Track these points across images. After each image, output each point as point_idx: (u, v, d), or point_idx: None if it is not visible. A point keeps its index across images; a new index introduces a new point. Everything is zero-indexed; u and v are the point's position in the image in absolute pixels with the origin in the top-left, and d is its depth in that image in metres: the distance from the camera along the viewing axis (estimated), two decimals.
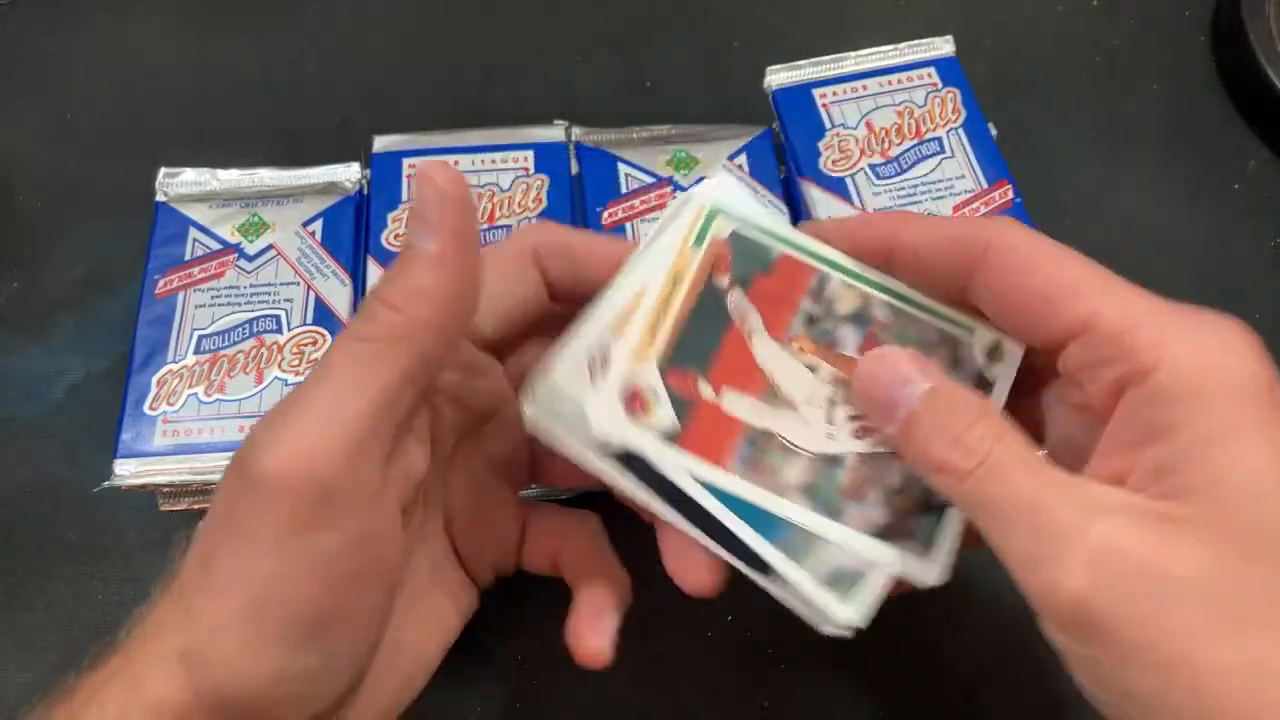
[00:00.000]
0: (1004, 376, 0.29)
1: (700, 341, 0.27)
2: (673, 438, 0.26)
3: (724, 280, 0.28)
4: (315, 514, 0.24)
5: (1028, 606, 0.24)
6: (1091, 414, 0.26)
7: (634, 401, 0.26)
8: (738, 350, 0.28)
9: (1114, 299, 0.25)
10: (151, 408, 0.38)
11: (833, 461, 0.28)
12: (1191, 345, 0.23)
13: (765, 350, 0.28)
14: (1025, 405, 0.29)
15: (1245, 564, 0.22)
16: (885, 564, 0.27)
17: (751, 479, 0.27)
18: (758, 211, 0.29)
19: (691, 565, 0.27)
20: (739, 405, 0.27)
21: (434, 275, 0.25)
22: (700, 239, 0.28)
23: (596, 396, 0.26)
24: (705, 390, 0.27)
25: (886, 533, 0.27)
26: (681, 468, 0.26)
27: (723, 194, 0.29)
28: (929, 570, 0.28)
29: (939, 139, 0.44)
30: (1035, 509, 0.23)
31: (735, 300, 0.28)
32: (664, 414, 0.26)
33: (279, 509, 0.24)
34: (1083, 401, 0.26)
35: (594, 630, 0.30)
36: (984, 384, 0.29)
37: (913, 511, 0.28)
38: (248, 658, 0.24)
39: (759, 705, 0.38)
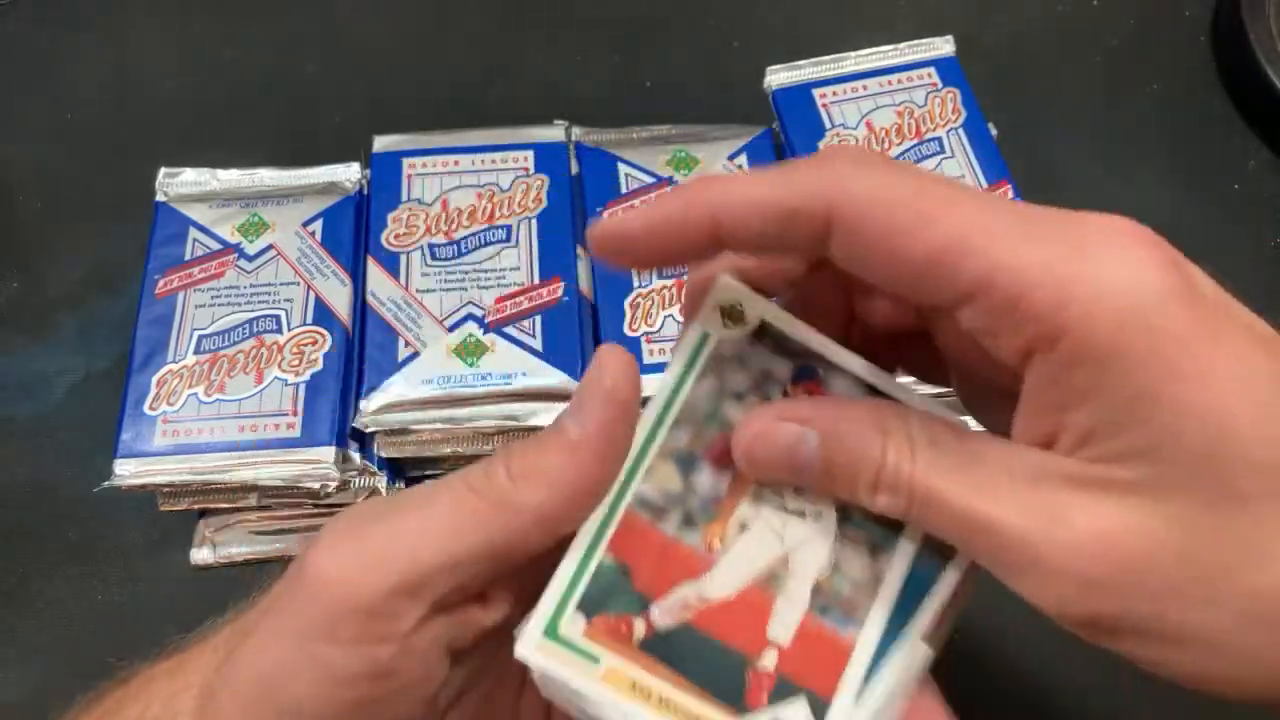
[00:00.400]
0: None
1: None
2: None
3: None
4: (338, 630, 0.23)
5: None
6: (1005, 369, 0.23)
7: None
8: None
9: (1004, 255, 0.21)
10: (151, 408, 0.38)
11: None
12: (1096, 299, 0.20)
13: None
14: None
15: (1217, 522, 0.20)
16: None
17: None
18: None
19: None
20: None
21: (563, 463, 0.24)
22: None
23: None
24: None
25: None
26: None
27: None
28: None
29: (939, 139, 0.44)
30: (986, 532, 0.22)
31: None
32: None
33: (312, 612, 0.23)
34: (990, 369, 0.23)
35: None
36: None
37: None
38: (249, 713, 0.24)
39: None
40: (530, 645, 0.24)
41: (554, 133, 0.45)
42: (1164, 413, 0.20)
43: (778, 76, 0.46)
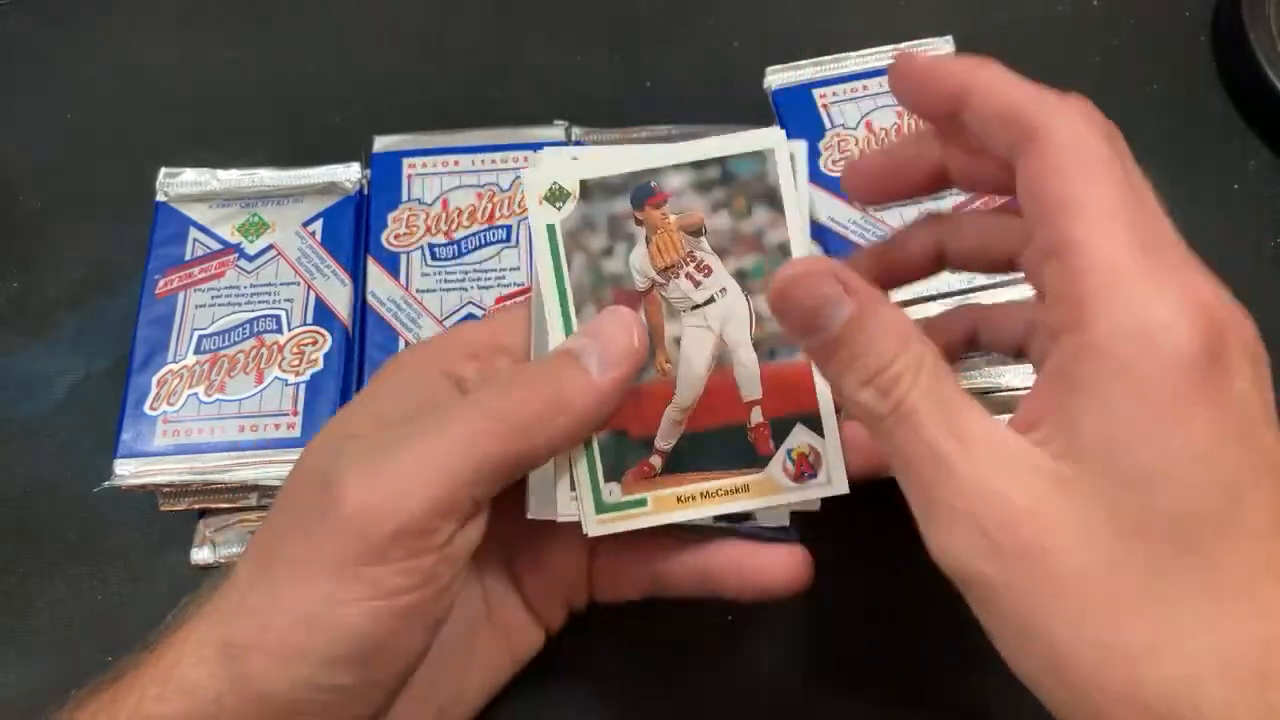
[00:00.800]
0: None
1: None
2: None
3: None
4: (386, 553, 0.26)
5: None
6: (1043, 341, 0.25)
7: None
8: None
9: (1096, 235, 0.23)
10: (151, 408, 0.38)
11: None
12: (1137, 311, 0.22)
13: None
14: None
15: (1126, 543, 0.21)
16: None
17: None
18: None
19: (784, 563, 0.30)
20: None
21: (585, 400, 0.28)
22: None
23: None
24: None
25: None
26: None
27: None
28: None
29: None
30: (937, 464, 0.23)
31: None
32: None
33: (352, 540, 0.25)
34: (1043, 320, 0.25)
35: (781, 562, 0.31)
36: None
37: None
38: (288, 664, 0.25)
39: (759, 705, 0.38)
40: (593, 525, 0.30)
41: (554, 133, 0.45)
42: (1129, 429, 0.21)
43: (778, 76, 0.46)
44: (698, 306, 0.30)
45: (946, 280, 0.39)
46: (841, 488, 0.30)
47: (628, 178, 0.30)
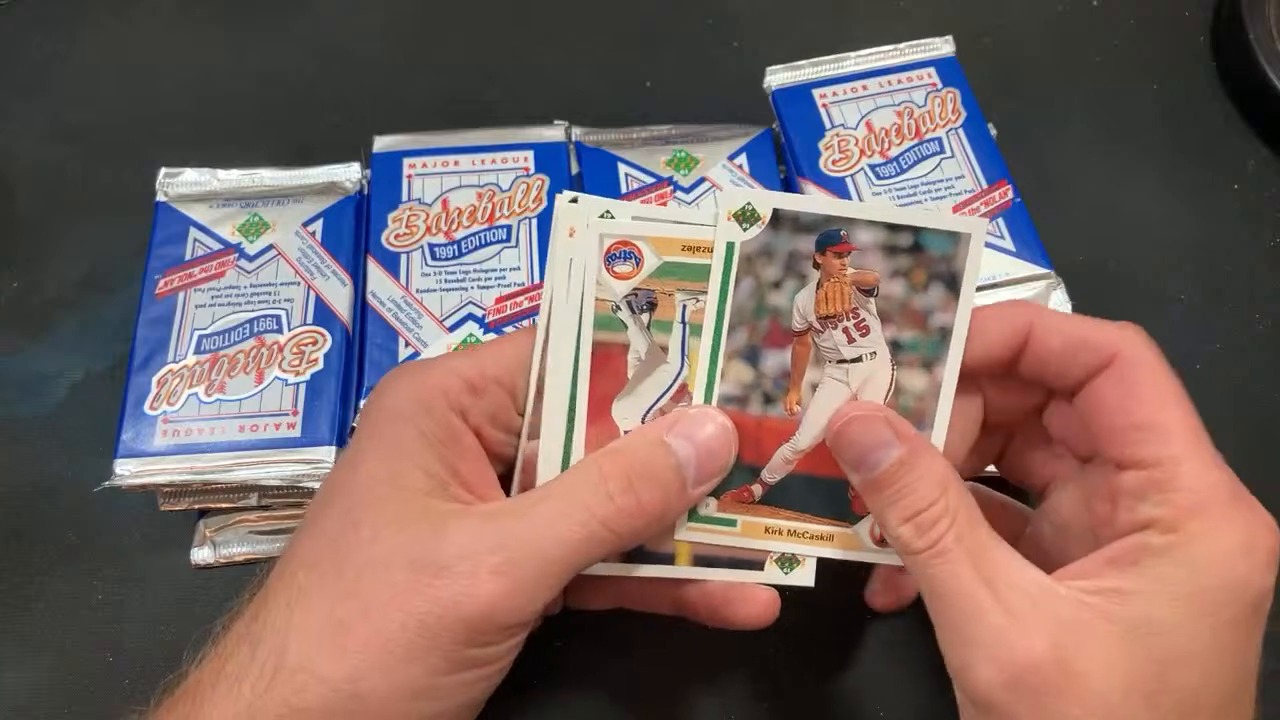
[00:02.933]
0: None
1: None
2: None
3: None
4: (496, 639, 0.27)
5: None
6: (1092, 526, 0.29)
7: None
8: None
9: (1192, 457, 0.27)
10: (151, 408, 0.38)
11: None
12: (1225, 534, 0.26)
13: None
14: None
15: (1137, 703, 0.25)
16: None
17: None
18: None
19: (751, 603, 0.32)
20: None
21: (677, 512, 0.30)
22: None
23: None
24: None
25: None
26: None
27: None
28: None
29: (939, 139, 0.44)
30: (966, 603, 0.26)
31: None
32: None
33: (467, 628, 0.26)
34: (1099, 516, 0.29)
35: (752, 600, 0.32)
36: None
37: None
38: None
39: (759, 704, 0.38)
40: (681, 530, 0.31)
41: (554, 133, 0.46)
42: (1183, 637, 0.25)
43: (778, 76, 0.46)
44: (844, 361, 0.31)
45: None
46: None
47: (820, 220, 0.30)
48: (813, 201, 0.30)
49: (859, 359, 0.30)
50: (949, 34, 0.47)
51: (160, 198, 0.44)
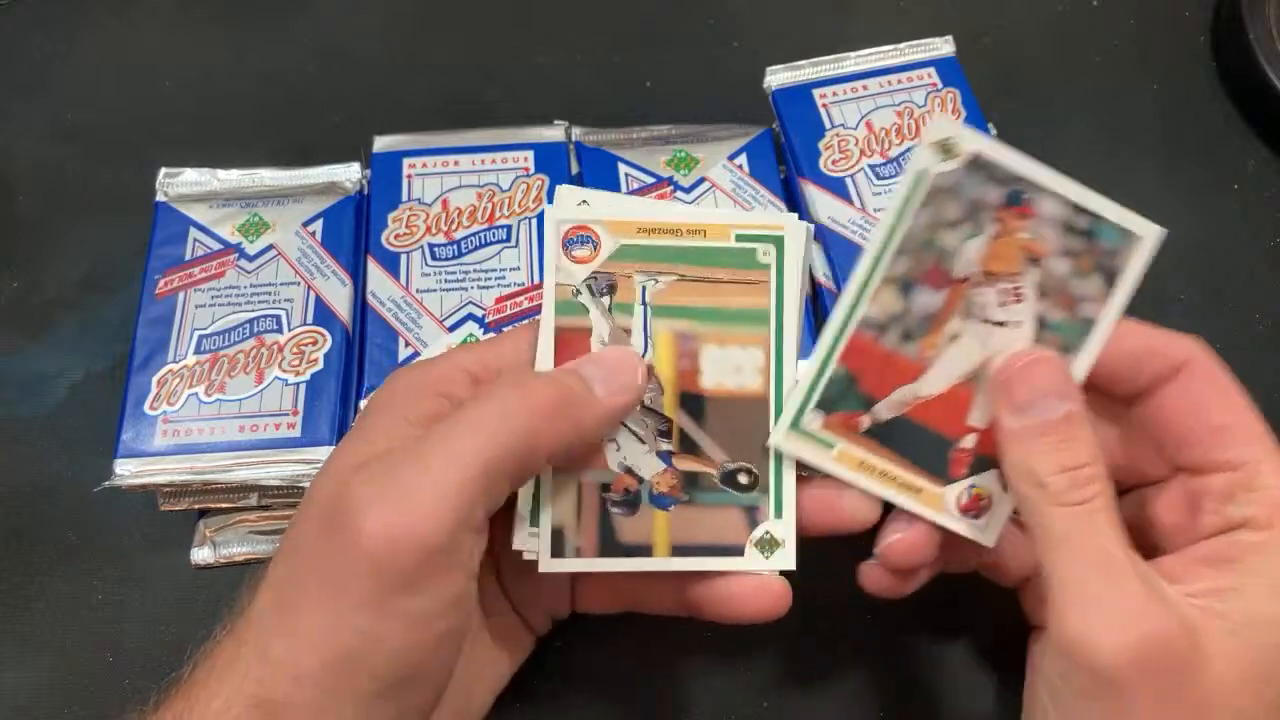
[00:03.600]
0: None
1: None
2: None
3: None
4: (416, 580, 0.25)
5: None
6: (1161, 536, 0.30)
7: None
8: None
9: (1274, 456, 0.28)
10: (151, 408, 0.38)
11: None
12: None
13: None
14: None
15: (1254, 700, 0.25)
16: None
17: None
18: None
19: (762, 595, 0.31)
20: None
21: (588, 413, 0.28)
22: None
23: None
24: None
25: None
26: None
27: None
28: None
29: None
30: (1110, 567, 0.26)
31: None
32: None
33: (379, 571, 0.25)
34: (1174, 523, 0.29)
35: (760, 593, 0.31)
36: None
37: None
38: (328, 709, 0.25)
39: (759, 704, 0.38)
40: (780, 436, 0.31)
41: (554, 133, 0.45)
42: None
43: (778, 76, 0.46)
44: (988, 322, 0.31)
45: None
46: (988, 542, 0.31)
47: (1013, 178, 0.30)
48: (1015, 157, 0.30)
49: (1004, 324, 0.30)
50: (949, 34, 0.47)
51: (160, 198, 0.44)
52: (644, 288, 0.31)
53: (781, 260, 0.31)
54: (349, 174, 0.45)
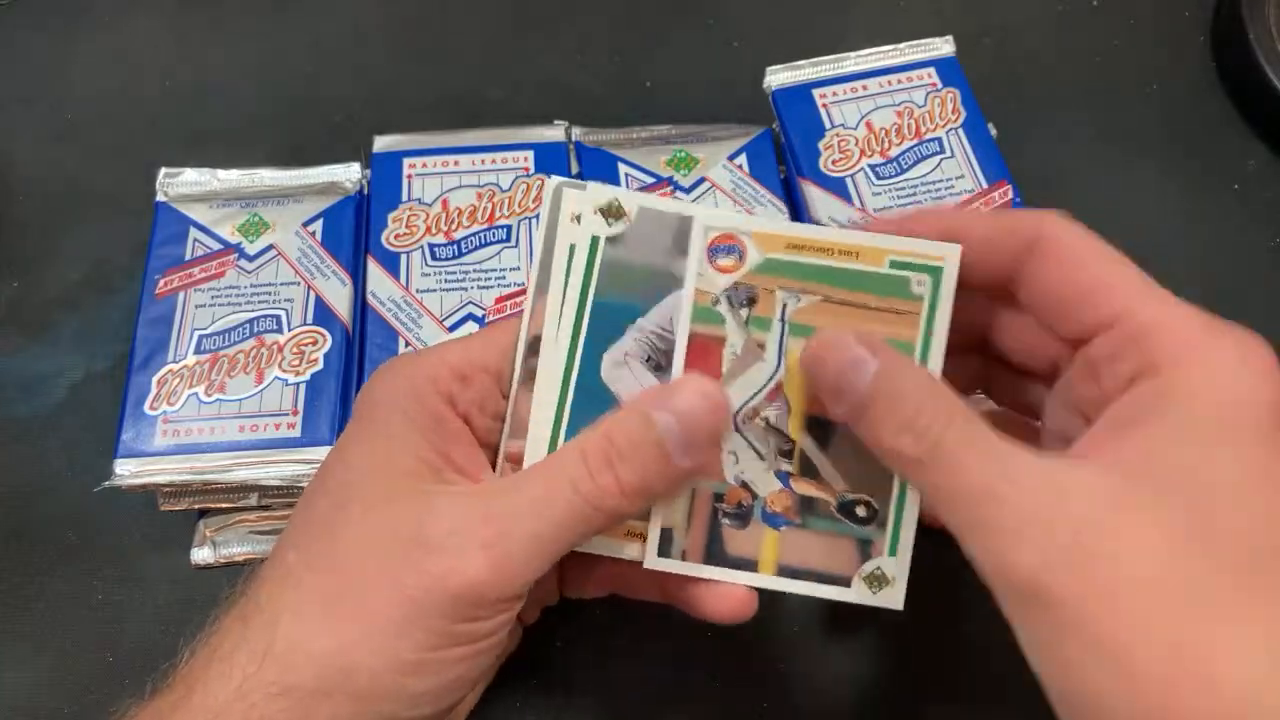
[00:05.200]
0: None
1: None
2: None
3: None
4: (484, 613, 0.27)
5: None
6: (1089, 415, 0.27)
7: None
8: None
9: (1149, 300, 0.26)
10: (151, 408, 0.38)
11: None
12: (1212, 354, 0.24)
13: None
14: (1026, 397, 0.31)
15: (1198, 559, 0.22)
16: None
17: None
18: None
19: (726, 599, 0.31)
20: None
21: (664, 485, 0.28)
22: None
23: None
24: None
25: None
26: None
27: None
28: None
29: (939, 139, 0.44)
30: (987, 496, 0.24)
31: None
32: None
33: (454, 603, 0.26)
34: (1090, 397, 0.27)
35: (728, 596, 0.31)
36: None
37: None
38: (375, 703, 0.26)
39: (759, 705, 0.38)
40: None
41: (554, 133, 0.46)
42: (1208, 458, 0.23)
43: (778, 76, 0.46)
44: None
45: None
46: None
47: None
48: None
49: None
50: (949, 34, 0.47)
51: (160, 198, 0.44)
52: (785, 304, 0.30)
53: (936, 294, 0.29)
54: (349, 174, 0.45)
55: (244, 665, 0.26)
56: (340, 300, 0.41)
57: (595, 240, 0.30)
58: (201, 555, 0.40)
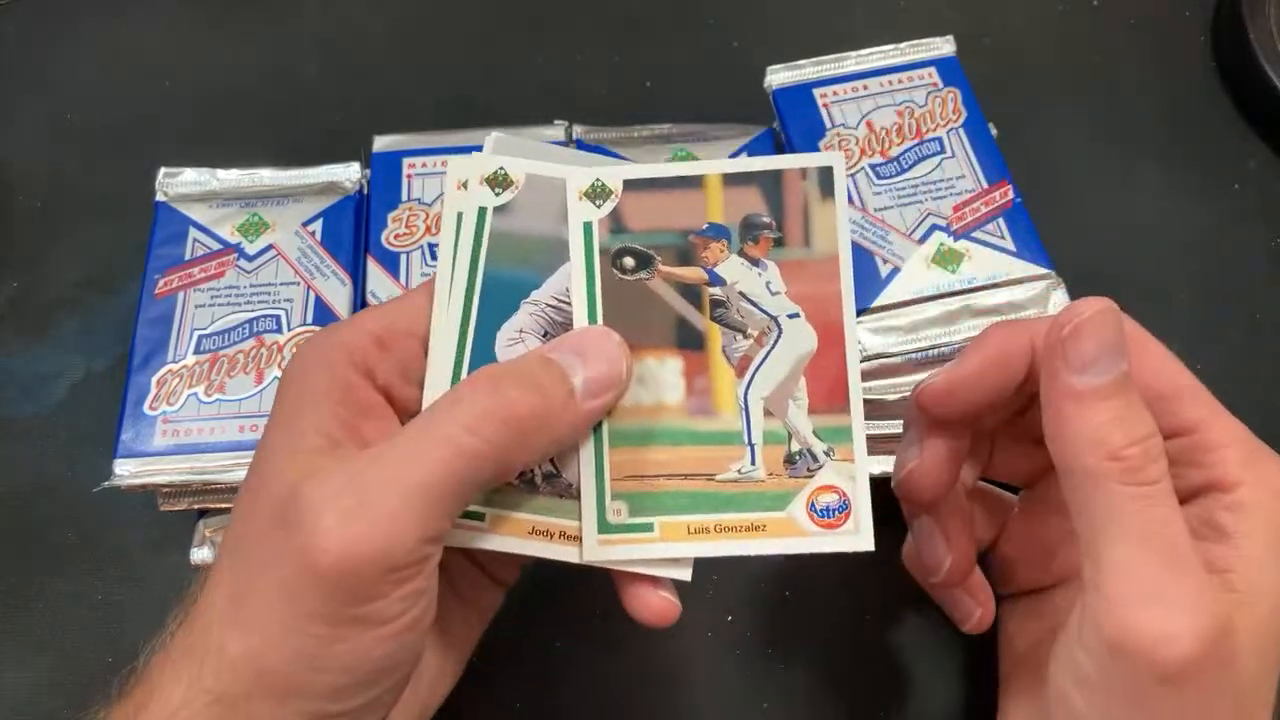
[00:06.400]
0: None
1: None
2: None
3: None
4: (379, 590, 0.24)
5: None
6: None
7: None
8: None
9: (1219, 414, 0.27)
10: (151, 408, 0.38)
11: None
12: (1270, 475, 0.27)
13: None
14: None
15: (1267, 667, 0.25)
16: None
17: None
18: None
19: (650, 604, 0.29)
20: None
21: (567, 422, 0.27)
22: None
23: None
24: None
25: None
26: None
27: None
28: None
29: (939, 139, 0.44)
30: (1175, 556, 0.24)
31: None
32: None
33: (336, 587, 0.24)
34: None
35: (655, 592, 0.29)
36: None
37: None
38: (293, 701, 0.25)
39: (759, 705, 0.38)
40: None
41: (554, 132, 0.45)
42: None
43: (778, 76, 0.46)
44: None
45: (946, 280, 0.40)
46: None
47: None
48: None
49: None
50: (949, 34, 0.47)
51: (160, 198, 0.44)
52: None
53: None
54: (349, 174, 0.45)
55: (189, 670, 0.25)
56: (340, 300, 0.41)
57: (483, 211, 0.29)
58: (201, 555, 0.40)
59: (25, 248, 0.47)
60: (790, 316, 0.29)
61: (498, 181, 0.29)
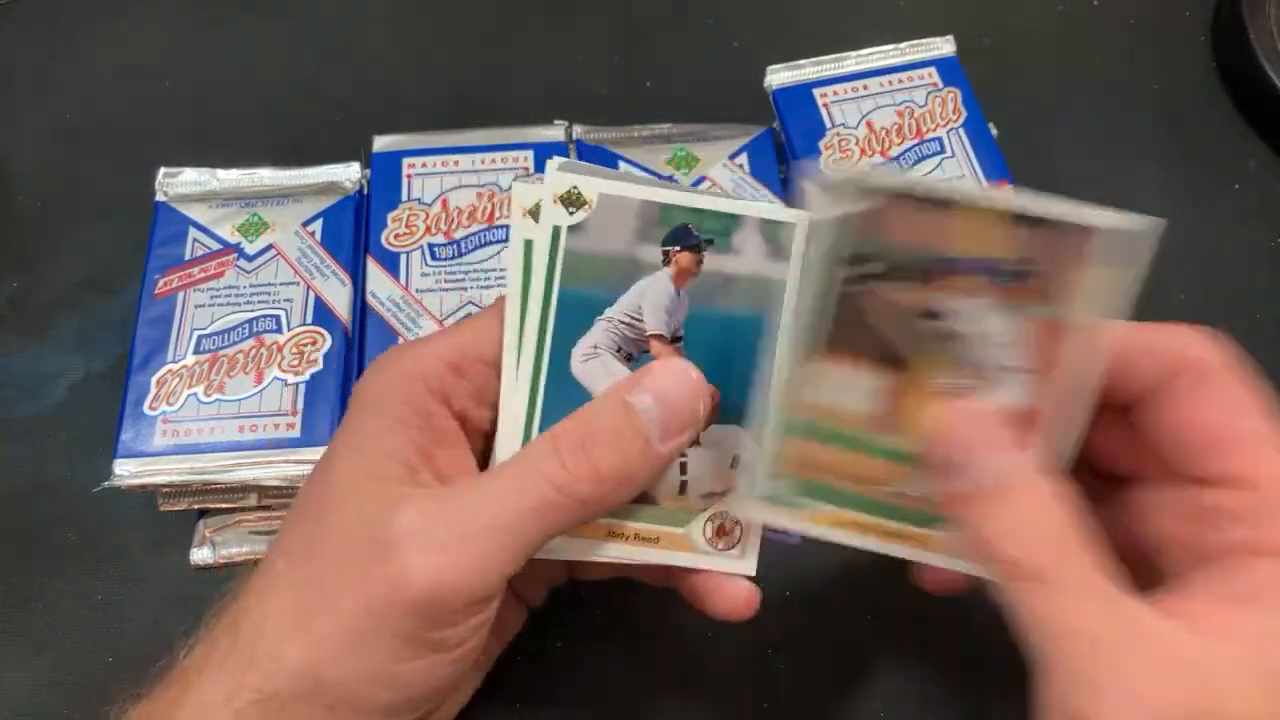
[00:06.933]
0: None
1: None
2: None
3: None
4: (453, 619, 0.26)
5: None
6: (1171, 550, 0.26)
7: None
8: None
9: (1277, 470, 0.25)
10: (151, 408, 0.38)
11: None
12: None
13: None
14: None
15: None
16: None
17: None
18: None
19: (729, 595, 0.30)
20: None
21: (646, 473, 0.28)
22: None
23: None
24: None
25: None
26: None
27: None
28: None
29: (939, 139, 0.44)
30: (1090, 644, 0.23)
31: None
32: None
33: (420, 613, 0.26)
34: (1181, 537, 0.26)
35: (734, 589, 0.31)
36: None
37: None
38: (348, 714, 0.26)
39: (759, 705, 0.38)
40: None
41: (554, 133, 0.46)
42: None
43: (778, 76, 0.46)
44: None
45: None
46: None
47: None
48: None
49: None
50: (949, 34, 0.47)
51: (160, 198, 0.44)
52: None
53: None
54: (349, 174, 0.45)
55: (233, 671, 0.26)
56: (340, 300, 0.41)
57: (557, 230, 0.29)
58: (201, 555, 0.40)
59: (25, 248, 0.47)
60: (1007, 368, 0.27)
61: (572, 200, 0.29)
